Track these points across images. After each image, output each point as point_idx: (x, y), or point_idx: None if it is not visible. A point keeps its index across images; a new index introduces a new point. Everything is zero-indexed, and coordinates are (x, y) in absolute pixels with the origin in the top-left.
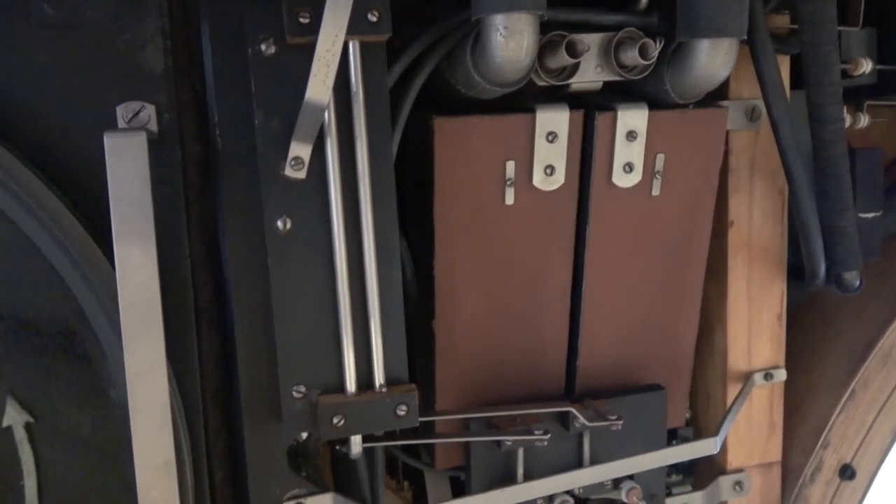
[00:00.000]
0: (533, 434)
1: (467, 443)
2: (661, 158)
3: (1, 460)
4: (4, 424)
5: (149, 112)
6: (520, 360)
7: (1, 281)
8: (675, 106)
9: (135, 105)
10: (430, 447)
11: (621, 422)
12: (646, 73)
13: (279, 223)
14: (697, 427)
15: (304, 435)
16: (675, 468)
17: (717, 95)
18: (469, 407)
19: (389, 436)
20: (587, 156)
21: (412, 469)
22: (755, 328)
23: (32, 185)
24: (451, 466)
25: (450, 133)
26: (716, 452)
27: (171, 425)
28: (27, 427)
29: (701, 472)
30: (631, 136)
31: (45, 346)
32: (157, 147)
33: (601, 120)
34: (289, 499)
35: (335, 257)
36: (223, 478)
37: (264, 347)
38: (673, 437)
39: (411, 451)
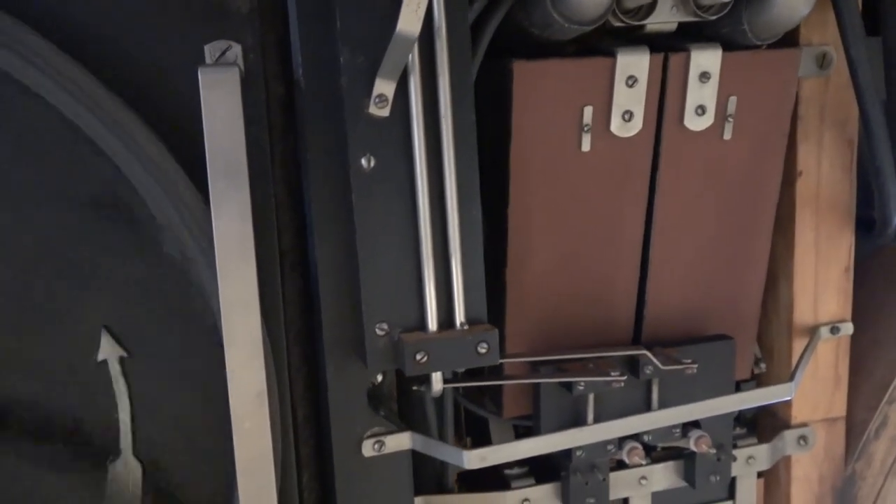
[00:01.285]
0: (609, 376)
1: (536, 389)
2: (733, 101)
3: (96, 393)
4: (100, 358)
5: (236, 52)
6: (588, 308)
7: (96, 216)
8: (748, 48)
9: (222, 44)
10: (497, 396)
11: (696, 365)
12: (722, 13)
13: (363, 161)
14: (760, 382)
15: (380, 378)
16: (738, 422)
17: (787, 41)
18: (538, 354)
19: (463, 379)
20: (662, 99)
21: (474, 423)
22: (822, 281)
23: (129, 123)
24: (517, 415)
25: (529, 77)
26: (790, 398)
27: (264, 358)
28: (121, 361)
29: (765, 427)
30: (704, 77)
31: (139, 281)
32: (243, 87)
33: (674, 61)
34: (369, 437)
35: (417, 196)
36: (304, 416)
37: (346, 287)
38: (737, 391)
39: (475, 401)
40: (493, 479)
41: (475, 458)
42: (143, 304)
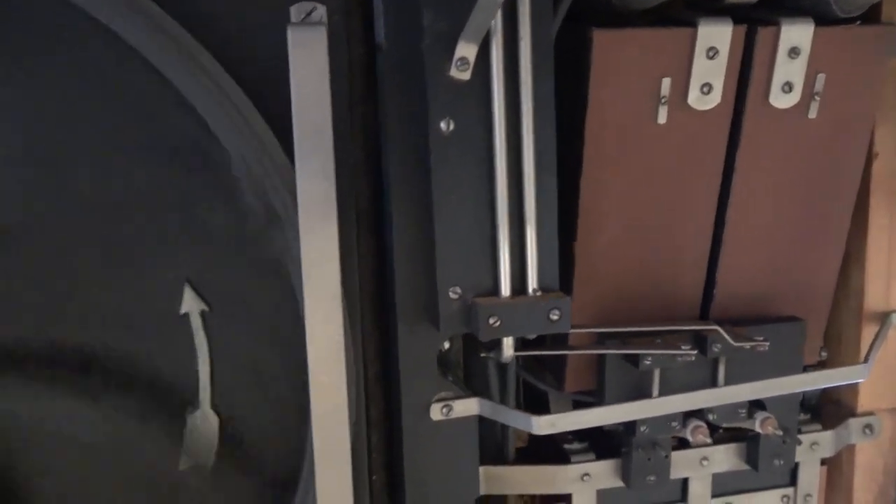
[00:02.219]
0: (680, 349)
1: (601, 362)
2: (821, 78)
3: (177, 346)
4: (182, 311)
5: (321, 12)
6: (656, 283)
7: (180, 168)
8: (832, 22)
9: (307, 5)
10: (560, 370)
11: (768, 343)
12: None
13: (442, 125)
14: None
15: (447, 344)
16: (802, 408)
17: (868, 18)
18: (604, 327)
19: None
20: (744, 74)
21: (532, 399)
22: (895, 267)
23: (217, 75)
24: (578, 390)
25: (608, 46)
26: (864, 380)
27: (342, 314)
28: (202, 315)
29: (829, 415)
30: (793, 52)
31: (221, 235)
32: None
33: (763, 35)
34: (437, 401)
35: (495, 161)
36: (374, 377)
37: (420, 251)
38: None
39: (535, 375)
40: (552, 453)
41: (545, 424)
42: (224, 258)
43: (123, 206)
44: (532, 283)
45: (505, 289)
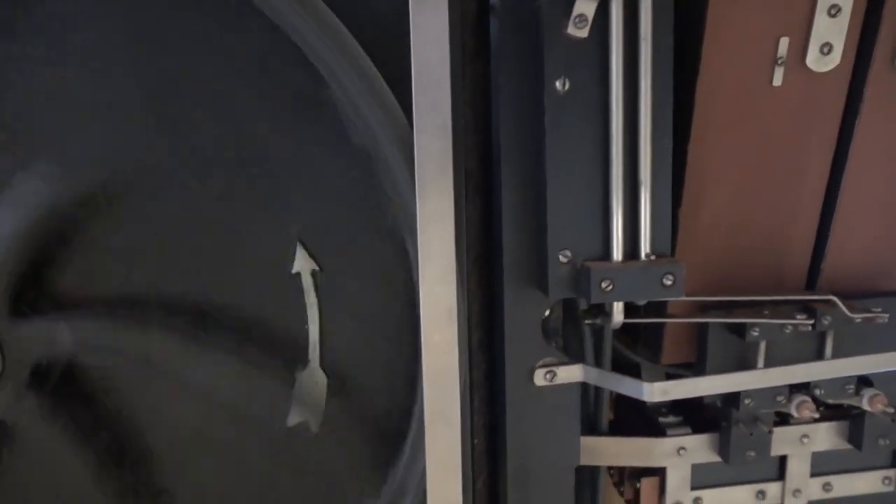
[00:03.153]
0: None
1: (703, 333)
2: None
3: (289, 305)
4: (294, 271)
5: None
6: (762, 254)
7: (297, 125)
8: None
9: None
10: (657, 341)
11: (887, 315)
12: None
13: (558, 84)
14: None
15: (547, 312)
16: None
17: None
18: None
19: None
20: (868, 33)
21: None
22: None
23: (338, 31)
24: (675, 362)
25: (724, 5)
26: None
27: (456, 274)
28: (313, 275)
29: None
30: None
31: (335, 195)
32: None
33: None
34: (541, 366)
35: (611, 121)
36: (479, 341)
37: (529, 213)
38: None
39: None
40: (642, 428)
41: (658, 391)
42: (336, 218)
43: (239, 163)
44: (644, 247)
45: (617, 253)
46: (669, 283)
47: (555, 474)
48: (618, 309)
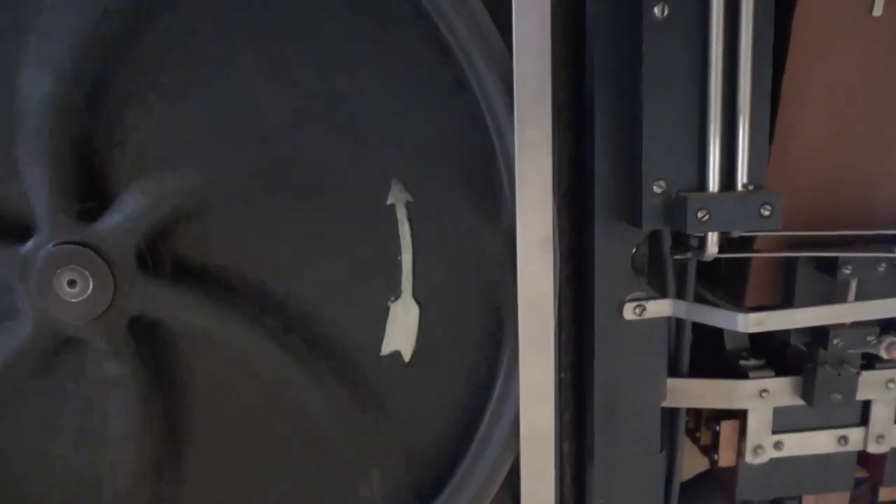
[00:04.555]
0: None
1: (790, 272)
2: None
3: (384, 235)
4: (388, 202)
5: None
6: (855, 187)
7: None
8: None
9: None
10: (740, 283)
11: None
12: None
13: (656, 10)
14: None
15: (634, 249)
16: None
17: None
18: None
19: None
20: None
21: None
22: None
23: None
24: (759, 305)
25: None
26: None
27: (552, 203)
28: (408, 206)
29: None
30: None
31: (428, 128)
32: None
33: None
34: (630, 300)
35: (710, 47)
36: (567, 275)
37: (621, 147)
38: None
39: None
40: (724, 371)
41: (752, 322)
42: (430, 150)
43: (336, 95)
44: (741, 177)
45: (713, 183)
46: (767, 213)
47: (641, 411)
48: (712, 240)
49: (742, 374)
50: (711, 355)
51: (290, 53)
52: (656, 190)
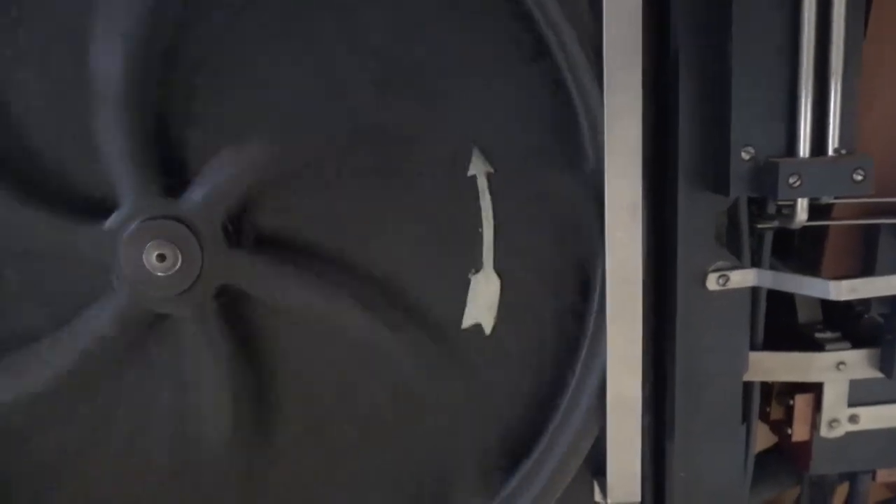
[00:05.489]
0: None
1: (872, 240)
2: None
3: (464, 206)
4: (469, 173)
5: None
6: None
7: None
8: None
9: None
10: (817, 254)
11: None
12: None
13: None
14: None
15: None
16: None
17: None
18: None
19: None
20: None
21: None
22: None
23: None
24: (837, 276)
25: None
26: None
27: (641, 170)
28: (489, 177)
29: None
30: None
31: (509, 97)
32: None
33: None
34: (713, 270)
35: (802, 8)
36: (647, 246)
37: (707, 112)
38: None
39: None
40: (798, 344)
41: (845, 289)
42: (509, 121)
43: (414, 66)
44: (832, 142)
45: (803, 148)
46: (860, 178)
47: (723, 383)
48: (802, 207)
49: (817, 347)
50: (786, 327)
51: (368, 20)
52: (744, 156)
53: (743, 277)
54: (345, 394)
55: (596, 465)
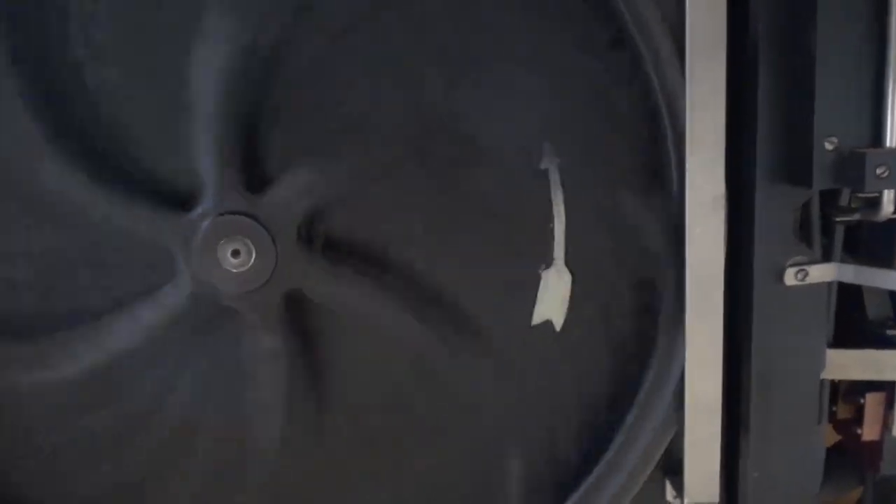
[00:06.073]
0: None
1: None
2: None
3: (536, 200)
4: (541, 167)
5: None
6: None
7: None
8: None
9: None
10: (887, 250)
11: None
12: None
13: None
14: None
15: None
16: None
17: None
18: None
19: None
20: None
21: None
22: None
23: None
24: None
25: None
26: None
27: (724, 161)
28: (561, 170)
29: None
30: None
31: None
32: None
33: None
34: (791, 265)
35: None
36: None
37: (786, 102)
38: None
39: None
40: (869, 340)
41: None
42: (580, 112)
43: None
44: None
45: (890, 138)
46: None
47: (800, 382)
48: (888, 199)
49: (888, 344)
50: (854, 325)
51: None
52: (828, 146)
53: (822, 272)
54: (399, 402)
55: (668, 465)
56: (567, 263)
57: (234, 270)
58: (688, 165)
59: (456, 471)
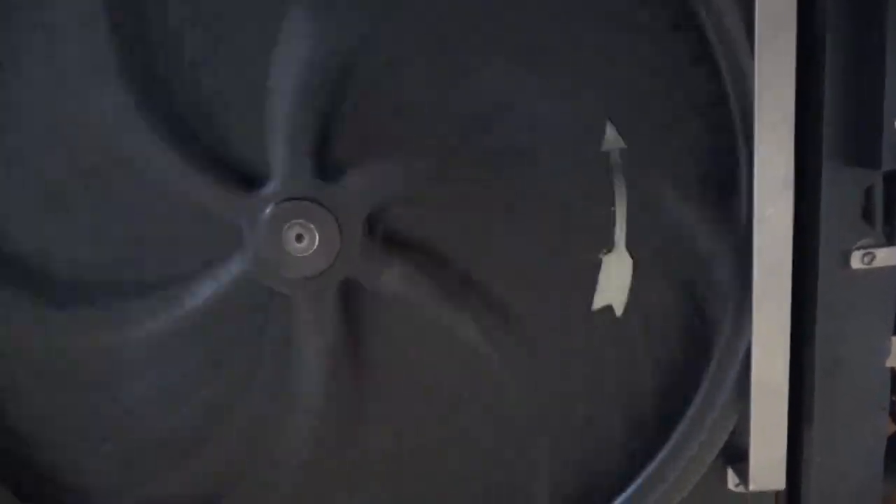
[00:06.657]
0: None
1: None
2: None
3: (596, 184)
4: (603, 149)
5: None
6: None
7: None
8: None
9: None
10: None
11: None
12: None
13: None
14: None
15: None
16: None
17: None
18: None
19: None
20: None
21: None
22: None
23: None
24: None
25: None
26: None
27: (793, 141)
28: (622, 154)
29: None
30: None
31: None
32: None
33: None
34: (858, 248)
35: None
36: None
37: (854, 82)
38: None
39: None
40: None
41: None
42: (642, 96)
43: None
44: None
45: None
46: None
47: (866, 368)
48: None
49: None
50: None
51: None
52: None
53: (890, 255)
54: (445, 403)
55: (730, 453)
56: (628, 247)
57: (296, 255)
58: (756, 146)
59: (496, 472)
